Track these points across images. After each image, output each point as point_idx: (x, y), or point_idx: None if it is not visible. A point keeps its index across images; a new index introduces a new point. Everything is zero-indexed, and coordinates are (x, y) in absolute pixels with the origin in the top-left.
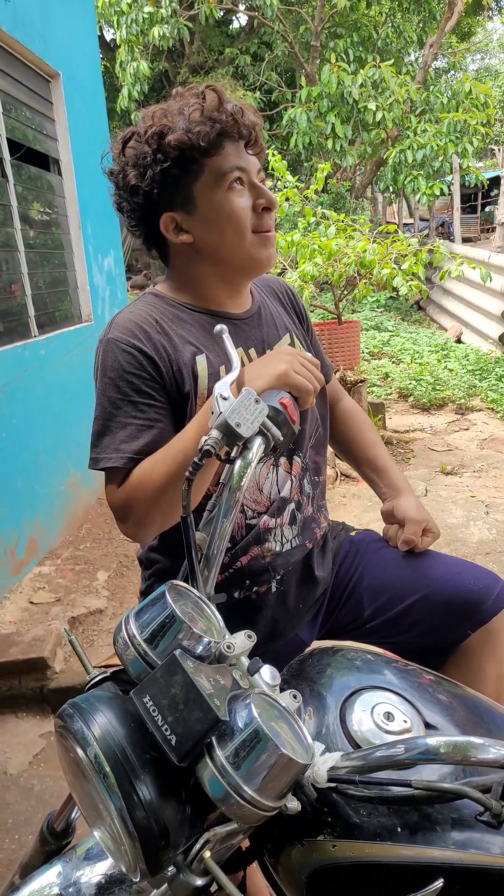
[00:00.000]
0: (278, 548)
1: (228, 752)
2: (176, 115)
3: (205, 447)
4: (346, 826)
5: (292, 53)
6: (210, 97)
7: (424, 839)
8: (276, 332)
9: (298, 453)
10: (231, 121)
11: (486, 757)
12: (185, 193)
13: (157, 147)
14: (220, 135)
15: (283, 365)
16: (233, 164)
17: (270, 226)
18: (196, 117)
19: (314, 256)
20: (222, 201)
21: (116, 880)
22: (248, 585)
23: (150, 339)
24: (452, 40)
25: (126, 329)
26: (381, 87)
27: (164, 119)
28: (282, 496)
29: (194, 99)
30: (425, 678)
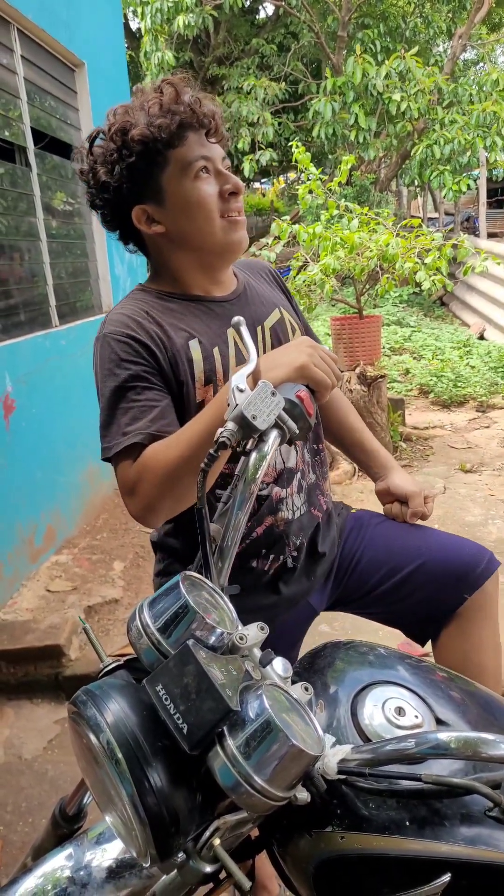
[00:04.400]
0: (290, 516)
1: (240, 742)
2: (137, 111)
3: (220, 439)
4: (355, 818)
5: (318, 44)
6: (168, 91)
7: (433, 833)
8: (264, 308)
9: None
10: (189, 111)
11: (496, 753)
12: (154, 186)
13: (122, 143)
14: (181, 126)
15: (303, 357)
16: (196, 154)
17: (238, 209)
18: (155, 111)
19: (336, 249)
20: (189, 190)
21: (127, 865)
22: (264, 554)
23: (144, 328)
24: (482, 31)
25: (119, 322)
26: (406, 77)
27: (126, 116)
28: (288, 466)
29: (153, 94)
30: (438, 675)
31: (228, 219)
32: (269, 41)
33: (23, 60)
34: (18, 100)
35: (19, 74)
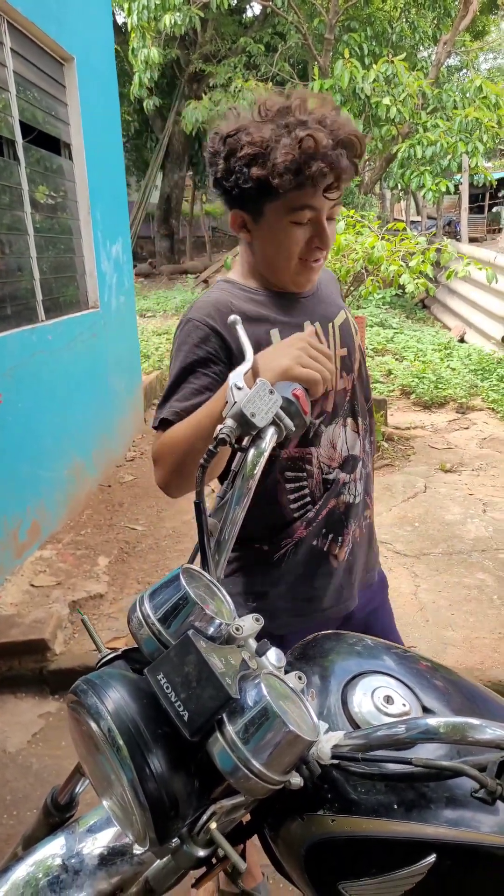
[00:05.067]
0: (350, 500)
1: (238, 728)
2: (271, 143)
3: (220, 435)
4: (345, 802)
5: (305, 45)
6: (306, 143)
7: (419, 816)
8: (333, 308)
9: (360, 416)
10: (320, 174)
11: (482, 737)
12: (257, 206)
13: (243, 168)
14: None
15: (286, 360)
16: (306, 204)
17: (318, 258)
18: (286, 161)
19: None
20: (283, 229)
21: (118, 852)
22: (324, 534)
23: (224, 318)
24: (466, 38)
25: (202, 309)
26: (393, 82)
27: (258, 147)
28: (352, 454)
29: (289, 140)
30: (422, 664)
31: (305, 263)
32: (257, 41)
33: (12, 53)
34: (7, 92)
35: (8, 67)
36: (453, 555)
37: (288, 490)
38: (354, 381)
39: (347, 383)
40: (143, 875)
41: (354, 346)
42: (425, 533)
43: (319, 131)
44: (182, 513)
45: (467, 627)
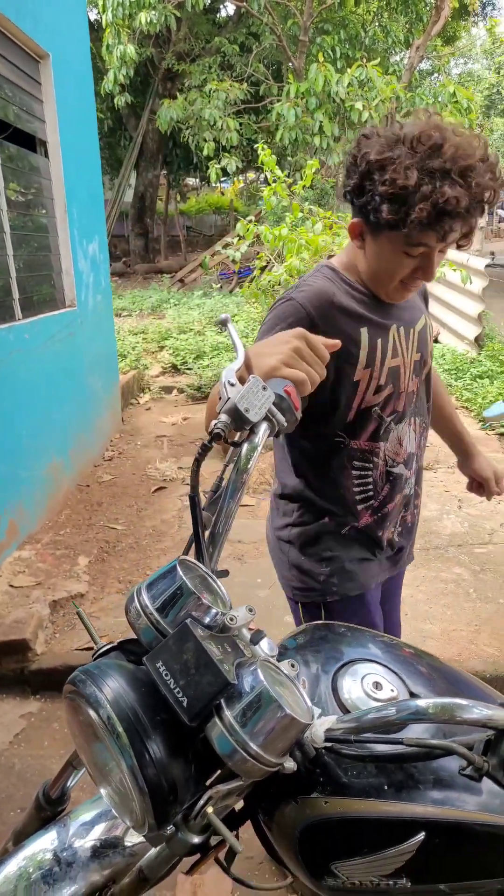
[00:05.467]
0: (409, 492)
1: (236, 713)
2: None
3: (215, 430)
4: (338, 784)
5: (280, 47)
6: (444, 204)
7: (408, 796)
8: (416, 313)
9: (420, 416)
10: (450, 230)
11: (470, 716)
12: (377, 222)
13: (378, 201)
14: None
15: (273, 360)
16: (423, 243)
17: (416, 286)
18: (420, 217)
19: (301, 251)
20: (395, 255)
21: (110, 844)
22: (384, 525)
23: (321, 305)
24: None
25: (305, 293)
26: (367, 86)
27: (399, 189)
28: (411, 452)
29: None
30: (406, 651)
31: (405, 285)
32: (231, 41)
33: None
34: None
35: None
36: (430, 550)
37: (354, 476)
38: (420, 384)
39: (415, 385)
40: (137, 864)
41: (428, 351)
42: None
43: (460, 189)
44: (162, 511)
45: (445, 620)
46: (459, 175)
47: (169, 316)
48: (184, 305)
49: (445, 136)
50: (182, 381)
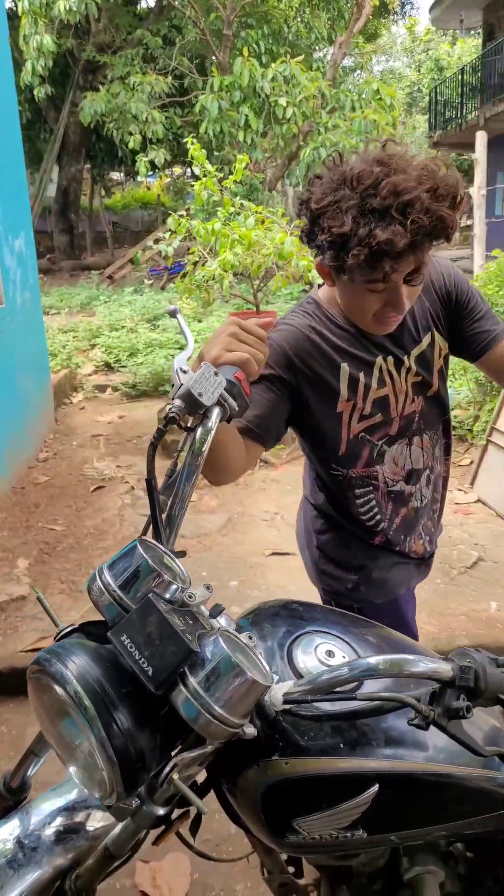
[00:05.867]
0: (419, 504)
1: (200, 679)
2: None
3: (170, 414)
4: (297, 746)
5: (204, 40)
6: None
7: (362, 752)
8: (414, 336)
9: (429, 430)
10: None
11: (417, 669)
12: (336, 261)
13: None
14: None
15: (216, 350)
16: (377, 276)
17: (394, 318)
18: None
19: (234, 246)
20: (359, 293)
21: (73, 829)
22: (403, 539)
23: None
24: (360, 40)
25: (283, 332)
26: (291, 82)
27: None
28: (415, 468)
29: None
30: (358, 623)
31: (379, 319)
32: (154, 33)
33: None
34: None
35: None
36: None
37: (358, 504)
38: (426, 402)
39: (418, 405)
40: (103, 843)
41: (433, 371)
42: None
43: (398, 227)
44: (102, 510)
45: None
46: (399, 212)
47: (100, 313)
48: (114, 303)
49: (389, 169)
50: (116, 380)
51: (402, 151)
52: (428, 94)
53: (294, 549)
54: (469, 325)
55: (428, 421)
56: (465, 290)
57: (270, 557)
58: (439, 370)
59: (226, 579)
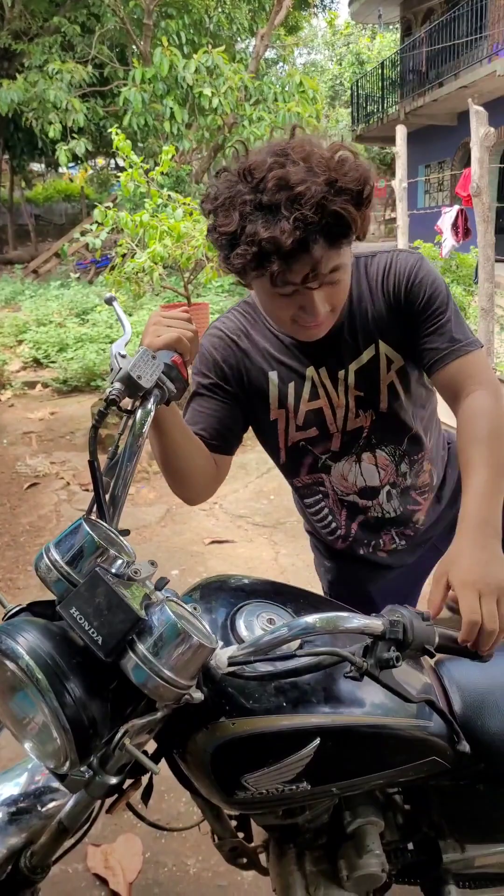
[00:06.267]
0: (380, 514)
1: (148, 645)
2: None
3: (110, 396)
4: (242, 707)
5: (124, 29)
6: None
7: (304, 709)
8: (356, 347)
9: (385, 445)
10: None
11: (350, 625)
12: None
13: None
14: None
15: (147, 339)
16: (286, 281)
17: (308, 325)
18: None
19: (163, 238)
20: (270, 299)
21: (25, 810)
22: (367, 543)
23: (229, 348)
24: (281, 32)
25: (212, 336)
26: (215, 73)
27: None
28: (370, 486)
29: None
30: (295, 592)
31: (298, 325)
32: (72, 21)
33: None
34: None
35: None
36: None
37: (311, 512)
38: (377, 418)
39: (365, 421)
40: (57, 818)
41: (379, 387)
42: (280, 504)
43: (284, 224)
44: (38, 507)
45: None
46: (287, 208)
47: (25, 308)
48: (41, 297)
49: (285, 160)
50: (46, 375)
51: (305, 140)
52: (350, 87)
53: (233, 537)
54: (421, 338)
55: (383, 437)
56: (419, 295)
57: (210, 546)
58: (390, 385)
59: (167, 568)
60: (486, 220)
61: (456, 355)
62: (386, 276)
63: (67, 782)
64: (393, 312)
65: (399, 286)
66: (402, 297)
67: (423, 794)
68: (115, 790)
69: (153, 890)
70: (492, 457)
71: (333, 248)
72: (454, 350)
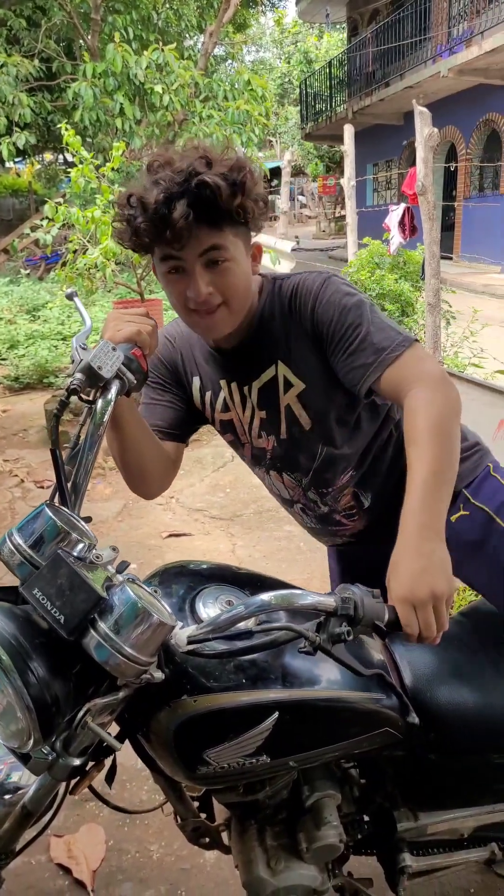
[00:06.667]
0: (317, 511)
1: (110, 623)
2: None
3: (71, 387)
4: (203, 685)
5: (71, 23)
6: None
7: (262, 685)
8: (257, 366)
9: (289, 472)
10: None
11: (304, 602)
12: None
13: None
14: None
15: (108, 334)
16: (167, 254)
17: (202, 306)
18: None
19: None
20: (163, 280)
21: None
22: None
23: (169, 349)
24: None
25: (161, 338)
26: (165, 69)
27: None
28: (283, 497)
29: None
30: (252, 576)
31: (190, 312)
32: (17, 14)
33: None
34: None
35: None
36: (263, 513)
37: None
38: (278, 442)
39: (267, 443)
40: (21, 803)
41: (279, 406)
42: (237, 497)
43: (156, 189)
44: None
45: (280, 573)
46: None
47: None
48: None
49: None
50: None
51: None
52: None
53: (190, 530)
54: (346, 359)
55: (284, 465)
56: (327, 317)
57: (168, 539)
58: (287, 409)
59: None
60: (432, 218)
61: (384, 365)
62: (293, 298)
63: (31, 765)
64: (301, 338)
65: (304, 309)
66: (309, 322)
67: (379, 766)
68: (78, 772)
69: (117, 876)
70: (429, 452)
71: (213, 227)
72: (381, 361)
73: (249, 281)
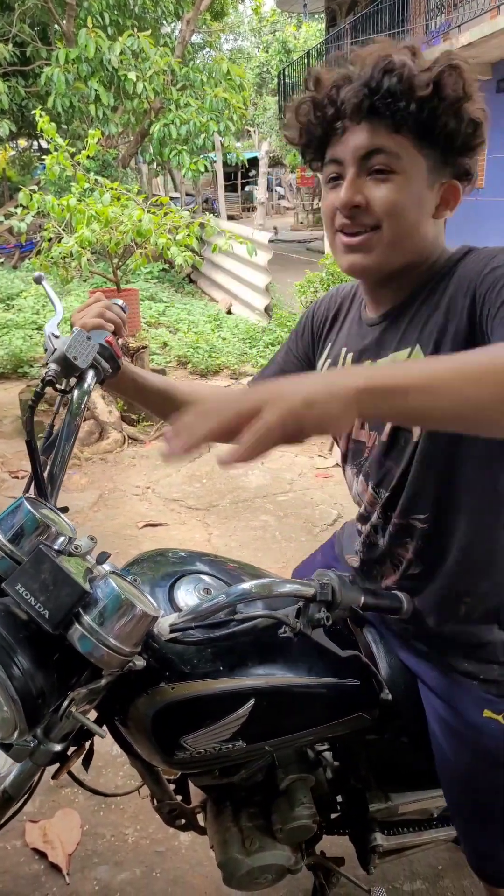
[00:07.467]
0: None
1: (94, 616)
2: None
3: (47, 378)
4: (181, 672)
5: (45, 7)
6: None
7: (239, 672)
8: (395, 344)
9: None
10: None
11: (284, 590)
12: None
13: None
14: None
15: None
16: (331, 158)
17: (346, 226)
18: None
19: (91, 223)
20: (326, 193)
21: None
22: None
23: (322, 311)
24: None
25: (316, 302)
26: (140, 56)
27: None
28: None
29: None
30: (230, 566)
31: (337, 234)
32: None
33: None
34: None
35: None
36: (239, 503)
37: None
38: (376, 443)
39: (369, 440)
40: (1, 787)
41: None
42: (213, 487)
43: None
44: None
45: (256, 562)
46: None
47: None
48: None
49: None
50: None
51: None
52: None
53: (166, 520)
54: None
55: (371, 473)
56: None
57: (144, 529)
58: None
59: None
60: None
61: None
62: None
63: (13, 752)
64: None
65: (464, 295)
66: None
67: (352, 749)
68: (58, 757)
69: (92, 860)
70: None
71: (388, 127)
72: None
73: (422, 217)
